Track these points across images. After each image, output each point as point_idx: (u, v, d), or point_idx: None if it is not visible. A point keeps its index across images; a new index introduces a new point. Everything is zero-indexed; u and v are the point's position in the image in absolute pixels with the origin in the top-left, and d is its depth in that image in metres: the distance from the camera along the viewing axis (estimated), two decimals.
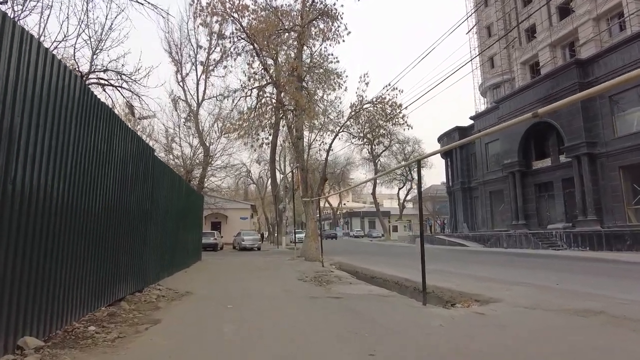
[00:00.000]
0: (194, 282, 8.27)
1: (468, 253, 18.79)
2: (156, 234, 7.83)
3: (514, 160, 24.88)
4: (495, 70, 35.10)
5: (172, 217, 9.51)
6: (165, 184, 8.65)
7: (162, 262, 8.37)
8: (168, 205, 9.03)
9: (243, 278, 9.33)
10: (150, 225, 7.27)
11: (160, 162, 8.13)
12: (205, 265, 12.99)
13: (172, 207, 9.59)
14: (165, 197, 8.69)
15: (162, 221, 8.36)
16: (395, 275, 10.24)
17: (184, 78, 26.80)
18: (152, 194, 7.34)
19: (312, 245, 14.27)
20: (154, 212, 7.50)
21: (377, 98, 17.86)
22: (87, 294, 4.25)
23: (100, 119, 4.61)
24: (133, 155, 6.09)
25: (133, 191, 6.14)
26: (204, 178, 24.79)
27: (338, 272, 11.38)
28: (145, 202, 6.86)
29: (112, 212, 5.17)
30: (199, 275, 9.75)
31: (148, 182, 7.05)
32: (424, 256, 6.28)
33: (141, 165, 6.58)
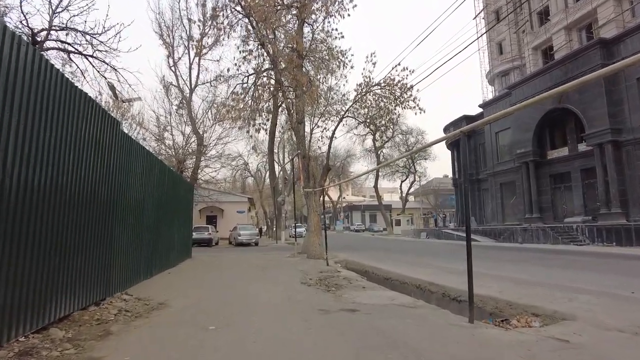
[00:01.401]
0: (175, 288, 6.77)
1: (483, 249, 17.34)
2: (126, 229, 6.32)
3: (528, 150, 23.37)
4: (504, 56, 33.48)
5: (151, 209, 8.00)
6: (140, 169, 7.12)
7: (135, 263, 6.87)
8: (145, 195, 7.51)
9: (236, 281, 7.84)
10: (116, 219, 5.76)
11: (130, 141, 6.60)
12: (195, 264, 11.50)
13: (152, 198, 8.08)
14: (140, 185, 7.17)
15: (135, 214, 6.85)
16: (412, 276, 8.76)
17: (176, 63, 25.14)
18: (117, 179, 5.82)
19: (315, 241, 12.79)
20: (121, 203, 5.98)
21: (385, 80, 16.29)
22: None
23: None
24: (84, 128, 4.56)
25: (85, 174, 4.63)
26: (197, 169, 23.24)
27: (346, 273, 9.91)
28: (107, 190, 5.34)
29: (49, 200, 3.67)
30: (183, 278, 8.25)
31: (111, 164, 5.53)
32: (471, 256, 4.78)
33: (99, 141, 5.06)
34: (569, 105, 20.35)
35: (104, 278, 5.26)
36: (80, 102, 4.56)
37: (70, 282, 4.27)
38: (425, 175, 47.60)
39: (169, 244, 9.92)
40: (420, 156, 45.28)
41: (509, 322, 4.73)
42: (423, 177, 47.28)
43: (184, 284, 7.39)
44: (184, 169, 22.50)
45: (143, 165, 7.37)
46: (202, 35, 24.33)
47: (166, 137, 23.35)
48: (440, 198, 56.48)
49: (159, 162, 8.90)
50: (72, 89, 4.38)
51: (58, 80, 4.01)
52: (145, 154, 7.61)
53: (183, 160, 22.23)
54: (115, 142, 5.73)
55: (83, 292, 4.60)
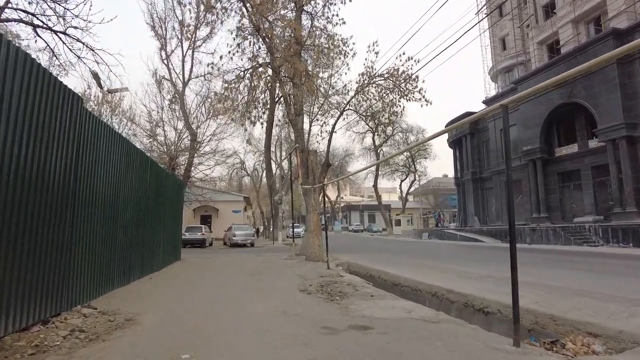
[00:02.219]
0: (152, 298, 5.77)
1: (492, 250, 16.41)
2: (94, 228, 5.32)
3: (535, 147, 22.48)
4: (508, 52, 32.61)
5: (129, 206, 7.00)
6: (114, 158, 6.13)
7: (106, 268, 5.87)
8: (121, 189, 6.51)
9: (225, 288, 6.84)
10: (79, 215, 4.77)
11: (100, 124, 5.59)
12: (183, 267, 10.49)
13: (130, 193, 7.08)
14: (115, 177, 6.18)
15: (107, 210, 5.85)
16: (425, 282, 7.79)
17: (169, 55, 24.12)
18: (82, 168, 4.83)
19: (314, 242, 11.81)
20: (86, 196, 4.98)
21: (388, 70, 15.33)
22: None
23: None
24: (29, 100, 3.55)
25: (32, 157, 3.64)
26: (190, 166, 22.20)
27: (349, 277, 8.94)
28: (63, 179, 4.33)
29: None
30: (165, 285, 7.24)
31: (71, 148, 4.53)
32: (516, 262, 3.82)
33: (56, 118, 4.06)
34: (579, 99, 19.47)
35: (58, 288, 4.25)
36: (23, 68, 3.55)
37: (8, 296, 3.28)
38: (425, 175, 46.73)
39: (153, 245, 8.92)
40: (420, 155, 44.43)
41: (563, 346, 3.77)
42: (423, 176, 46.41)
43: (165, 292, 6.37)
44: (176, 167, 21.46)
45: (119, 155, 6.37)
46: (195, 26, 23.40)
47: (158, 134, 22.33)
48: (440, 198, 55.64)
49: (140, 153, 7.89)
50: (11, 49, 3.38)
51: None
52: (122, 143, 6.60)
53: (175, 157, 21.19)
54: (78, 123, 4.74)
55: (24, 307, 3.60)
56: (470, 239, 24.13)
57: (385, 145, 38.83)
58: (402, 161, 44.37)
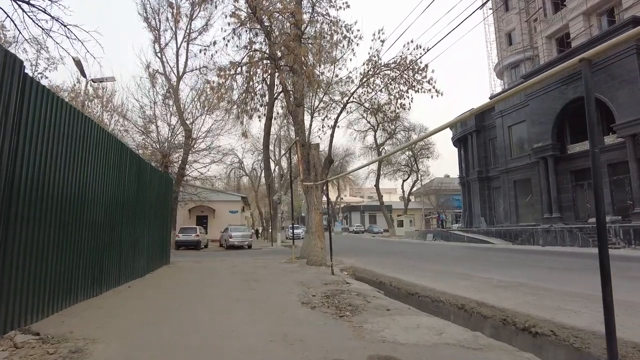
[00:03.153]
0: (120, 315, 4.68)
1: (506, 253, 15.34)
2: (44, 230, 4.24)
3: (547, 144, 21.42)
4: (514, 47, 31.60)
5: (99, 204, 5.92)
6: (78, 144, 5.06)
7: (65, 277, 4.79)
8: (89, 183, 5.44)
9: (213, 301, 5.74)
10: (17, 215, 3.69)
11: (55, 99, 4.51)
12: (170, 273, 9.39)
13: (102, 188, 6.01)
14: (79, 168, 5.11)
15: (67, 207, 4.78)
16: (447, 291, 6.71)
17: (163, 49, 23.08)
18: (21, 155, 3.75)
19: (317, 245, 10.73)
20: (27, 191, 3.90)
21: (395, 59, 14.29)
22: None
23: None
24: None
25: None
26: (185, 163, 21.11)
27: (357, 285, 7.87)
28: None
29: None
30: (142, 296, 6.14)
31: (4, 128, 3.46)
32: (608, 275, 2.69)
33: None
34: (595, 93, 18.40)
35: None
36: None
37: None
38: (428, 174, 45.66)
39: (134, 248, 7.83)
40: (422, 154, 43.38)
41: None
42: (426, 176, 45.34)
43: (138, 307, 5.28)
44: (169, 164, 20.38)
45: (84, 141, 5.30)
46: (190, 16, 22.34)
47: (151, 130, 21.24)
48: (442, 198, 54.58)
49: (116, 142, 6.81)
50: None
51: None
52: (90, 127, 5.53)
53: (169, 154, 20.10)
54: (18, 95, 3.66)
55: None
56: (478, 240, 23.06)
57: (388, 144, 37.75)
58: (404, 160, 43.31)
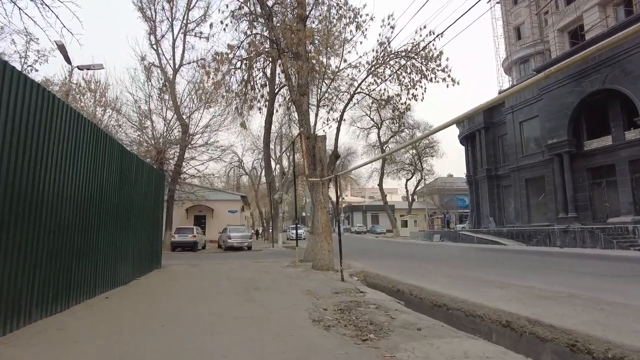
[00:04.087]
0: (82, 342, 3.61)
1: (525, 255, 14.27)
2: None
3: (562, 140, 20.35)
4: (524, 41, 30.53)
5: (67, 202, 4.88)
6: (28, 124, 4.01)
7: (12, 290, 3.74)
8: (48, 178, 4.40)
9: (204, 318, 4.67)
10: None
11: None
12: (158, 280, 8.33)
13: (70, 183, 4.97)
14: (31, 158, 4.06)
15: (13, 207, 3.73)
16: (484, 303, 5.66)
17: (159, 40, 22.02)
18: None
19: (323, 247, 9.66)
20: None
21: (405, 48, 13.24)
22: None
23: None
24: None
25: None
26: (181, 159, 20.06)
27: (373, 294, 6.83)
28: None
29: None
30: (120, 311, 5.07)
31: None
32: None
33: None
34: (616, 86, 17.37)
35: None
36: None
37: None
38: (433, 173, 44.59)
39: (115, 252, 6.78)
40: (426, 153, 42.34)
41: None
42: (431, 175, 44.28)
43: (109, 328, 4.20)
44: (164, 161, 19.33)
45: (44, 122, 4.26)
46: (187, 6, 21.31)
47: (146, 126, 20.19)
48: (445, 198, 53.56)
49: (92, 127, 5.75)
50: None
51: None
52: (52, 103, 4.48)
53: (164, 150, 19.05)
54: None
55: None
56: (488, 241, 21.99)
57: (392, 142, 36.68)
58: (408, 159, 42.27)
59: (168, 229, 20.44)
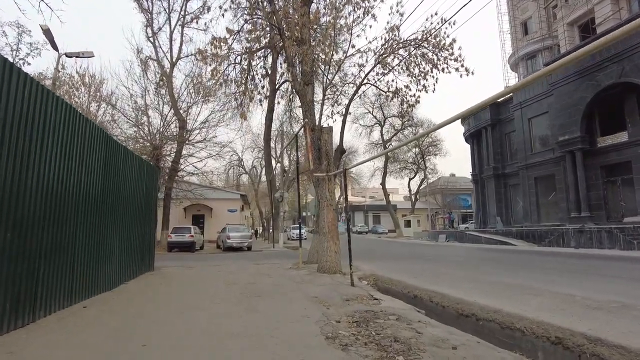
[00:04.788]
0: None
1: (542, 256, 13.50)
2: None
3: (575, 137, 19.57)
4: (531, 36, 29.74)
5: (33, 194, 4.11)
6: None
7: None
8: (10, 166, 3.63)
9: (198, 337, 3.88)
10: None
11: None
12: (150, 284, 7.54)
13: (38, 174, 4.19)
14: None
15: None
16: (522, 314, 4.90)
17: (156, 33, 21.26)
18: None
19: (330, 248, 8.88)
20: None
21: (415, 38, 12.47)
22: None
23: None
24: None
25: None
26: (179, 157, 19.28)
27: (389, 302, 6.07)
28: None
29: None
30: (95, 326, 4.28)
31: None
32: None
33: None
34: (634, 79, 16.59)
35: None
36: None
37: None
38: (436, 172, 43.81)
39: (99, 253, 6.00)
40: (430, 151, 41.57)
41: None
42: (434, 173, 43.50)
43: (76, 351, 3.41)
44: (161, 157, 18.54)
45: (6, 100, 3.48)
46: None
47: (143, 122, 19.39)
48: (448, 198, 52.76)
49: (68, 108, 4.97)
50: None
51: None
52: (12, 76, 3.70)
53: (160, 145, 18.25)
54: None
55: None
56: (497, 241, 21.22)
57: (394, 140, 35.88)
58: (410, 158, 41.49)
59: (165, 228, 19.66)
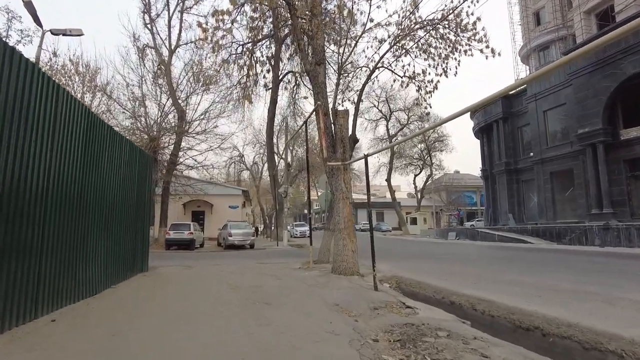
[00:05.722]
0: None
1: (578, 256, 12.45)
2: None
3: (596, 129, 18.50)
4: (544, 27, 28.64)
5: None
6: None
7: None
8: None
9: (191, 358, 2.85)
10: None
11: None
12: (140, 289, 6.51)
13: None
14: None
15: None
16: (592, 325, 3.87)
17: (153, 20, 20.18)
18: None
19: (347, 246, 7.85)
20: None
21: (433, 16, 11.42)
22: None
23: None
24: None
25: None
26: (178, 150, 18.24)
27: (425, 310, 5.06)
28: None
29: None
30: (60, 347, 3.26)
31: None
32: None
33: None
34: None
35: None
36: None
37: None
38: (443, 168, 42.76)
39: (77, 253, 4.97)
40: (436, 147, 40.51)
41: None
42: (440, 170, 42.44)
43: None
44: (159, 150, 17.51)
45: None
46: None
47: (140, 114, 18.34)
48: (453, 195, 51.74)
49: (33, 70, 3.93)
50: None
51: None
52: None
53: (158, 137, 17.21)
54: None
55: None
56: (511, 239, 20.19)
57: (400, 135, 34.79)
58: (416, 154, 40.44)
59: (162, 225, 18.66)
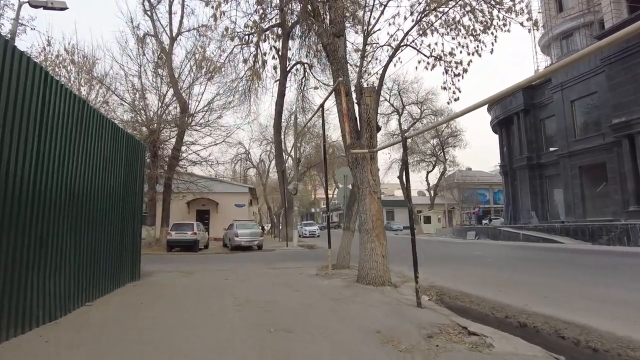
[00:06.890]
0: None
1: (633, 259, 11.04)
2: None
3: (633, 118, 16.98)
4: (567, 12, 27.01)
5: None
6: None
7: None
8: None
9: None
10: None
11: None
12: (125, 304, 5.24)
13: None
14: None
15: None
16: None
17: (154, 6, 19.00)
18: None
19: (375, 250, 6.52)
20: None
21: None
22: None
23: None
24: None
25: None
26: (180, 144, 17.03)
27: (499, 339, 3.66)
28: None
29: None
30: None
31: None
32: None
33: None
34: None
35: None
36: None
37: None
38: (457, 165, 41.25)
39: (40, 263, 3.71)
40: (449, 143, 38.99)
41: None
42: (454, 166, 40.95)
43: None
44: (159, 144, 16.30)
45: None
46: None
47: (140, 107, 17.14)
48: (465, 192, 50.18)
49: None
50: None
51: None
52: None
53: (158, 130, 16.00)
54: None
55: None
56: (539, 238, 18.73)
57: (413, 129, 33.33)
58: (429, 150, 38.97)
59: (164, 224, 17.48)
